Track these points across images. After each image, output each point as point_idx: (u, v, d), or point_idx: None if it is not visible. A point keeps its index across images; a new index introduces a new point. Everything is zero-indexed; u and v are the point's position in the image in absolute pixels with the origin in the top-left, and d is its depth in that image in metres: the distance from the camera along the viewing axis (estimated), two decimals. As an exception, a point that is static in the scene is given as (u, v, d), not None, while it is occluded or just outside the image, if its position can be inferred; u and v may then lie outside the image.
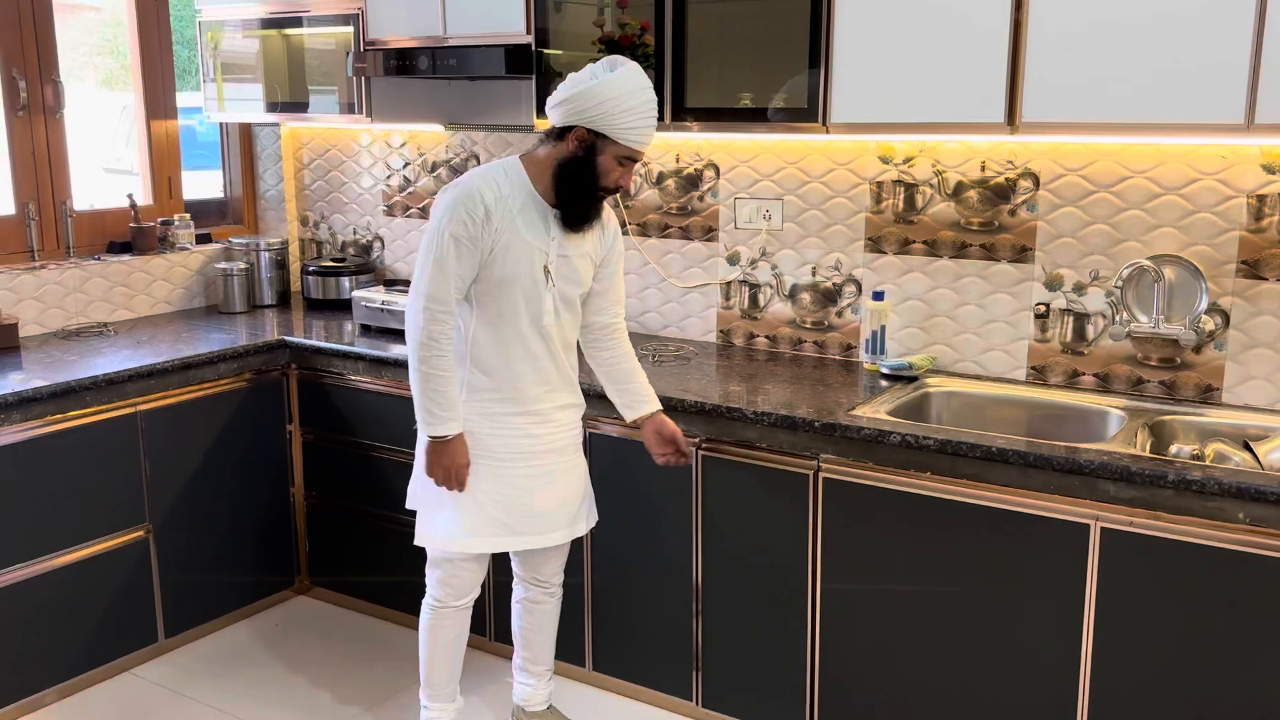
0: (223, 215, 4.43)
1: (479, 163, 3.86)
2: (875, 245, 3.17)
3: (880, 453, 2.58)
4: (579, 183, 2.47)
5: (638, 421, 2.72)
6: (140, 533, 3.23)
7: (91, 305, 3.73)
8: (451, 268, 2.43)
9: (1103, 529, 2.35)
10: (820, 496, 2.68)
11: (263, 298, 4.11)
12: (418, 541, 2.67)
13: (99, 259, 3.77)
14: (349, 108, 3.78)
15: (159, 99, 4.04)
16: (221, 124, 4.33)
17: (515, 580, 2.86)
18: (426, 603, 2.75)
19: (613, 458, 2.97)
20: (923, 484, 2.54)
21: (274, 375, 3.54)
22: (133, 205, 3.90)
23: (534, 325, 2.54)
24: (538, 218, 2.50)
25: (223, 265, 3.99)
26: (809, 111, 2.84)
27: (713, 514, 2.85)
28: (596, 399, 2.84)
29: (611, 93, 2.39)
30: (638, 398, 2.72)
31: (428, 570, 2.72)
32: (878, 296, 3.10)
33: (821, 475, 2.67)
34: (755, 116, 2.95)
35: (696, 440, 2.83)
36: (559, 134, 2.48)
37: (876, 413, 2.72)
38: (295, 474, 3.67)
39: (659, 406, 2.72)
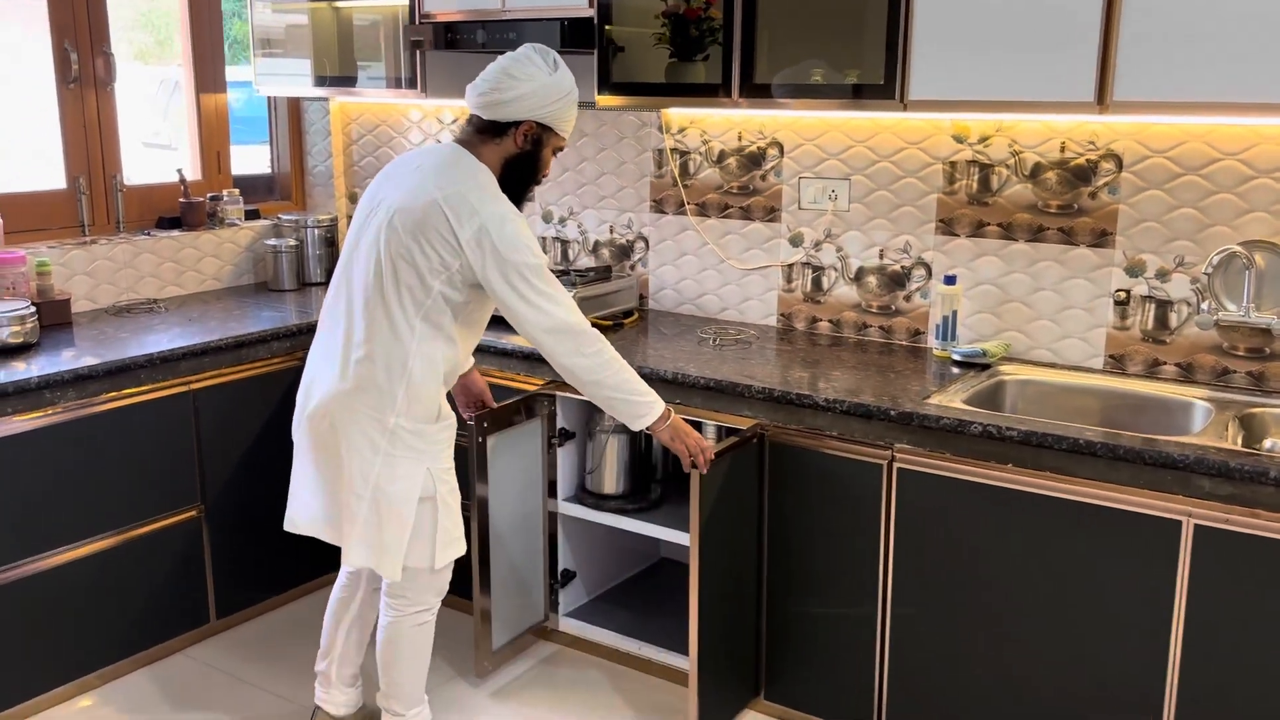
0: (270, 191, 4.38)
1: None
2: (947, 227, 3.07)
3: (959, 443, 2.49)
4: (525, 178, 2.50)
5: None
6: (193, 513, 3.19)
7: (141, 281, 3.68)
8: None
9: (1196, 526, 2.26)
10: (894, 487, 2.60)
11: (312, 275, 4.05)
12: (440, 563, 2.55)
13: (149, 234, 3.72)
14: (395, 82, 3.71)
15: (209, 73, 3.99)
16: (270, 98, 4.27)
17: (374, 587, 2.76)
18: (424, 616, 2.64)
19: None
20: (1004, 476, 2.45)
21: (325, 354, 3.49)
22: (182, 180, 3.85)
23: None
24: None
25: (272, 242, 3.94)
26: (885, 88, 2.74)
27: (778, 503, 2.77)
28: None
29: (565, 88, 2.45)
30: None
31: (424, 587, 2.60)
32: (949, 281, 3.01)
33: (896, 465, 2.59)
34: (827, 93, 2.85)
35: (762, 426, 2.76)
36: (499, 129, 2.45)
37: (952, 401, 2.63)
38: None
39: (471, 363, 2.82)
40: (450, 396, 2.68)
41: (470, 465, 2.87)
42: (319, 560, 3.60)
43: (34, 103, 3.52)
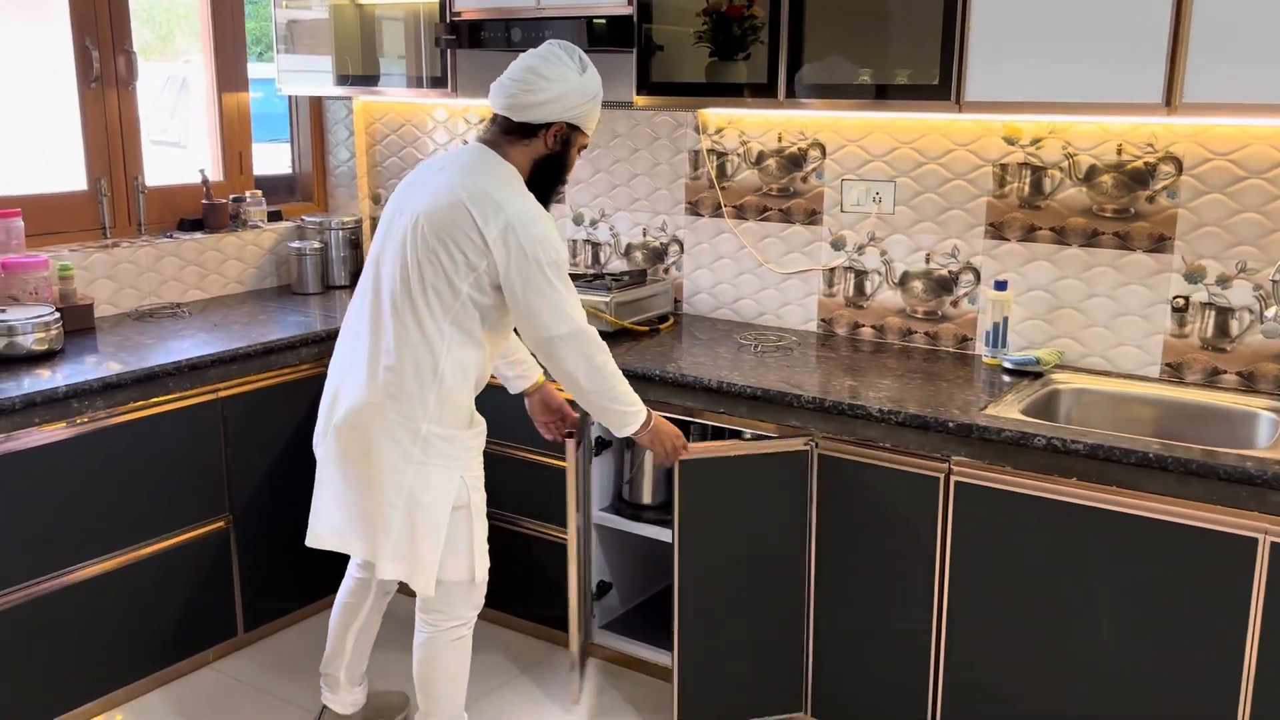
0: (291, 192, 4.30)
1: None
2: (997, 231, 2.99)
3: (1020, 456, 2.41)
4: (555, 177, 2.47)
5: (527, 391, 2.76)
6: (221, 523, 3.11)
7: (164, 285, 3.60)
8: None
9: (1273, 544, 2.18)
10: (951, 501, 2.52)
11: (336, 278, 3.97)
12: (480, 576, 2.53)
13: (171, 237, 3.64)
14: (417, 81, 3.63)
15: (230, 71, 3.90)
16: (291, 97, 4.19)
17: (382, 590, 2.75)
18: (462, 632, 2.58)
19: (719, 464, 2.82)
20: (1069, 491, 2.37)
21: (353, 360, 3.40)
22: (205, 181, 3.77)
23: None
24: None
25: (296, 244, 3.86)
26: (940, 88, 2.65)
27: (828, 516, 2.69)
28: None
29: (594, 89, 2.42)
30: (526, 367, 2.75)
31: (461, 601, 2.55)
32: (1000, 286, 2.93)
33: (953, 479, 2.51)
34: (878, 93, 2.77)
35: (811, 437, 2.67)
36: (530, 130, 2.41)
37: (1009, 412, 2.55)
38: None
39: (541, 373, 2.76)
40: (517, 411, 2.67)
41: (573, 488, 2.86)
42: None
43: (55, 103, 3.44)
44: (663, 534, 2.99)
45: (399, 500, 2.40)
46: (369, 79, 3.75)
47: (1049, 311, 2.95)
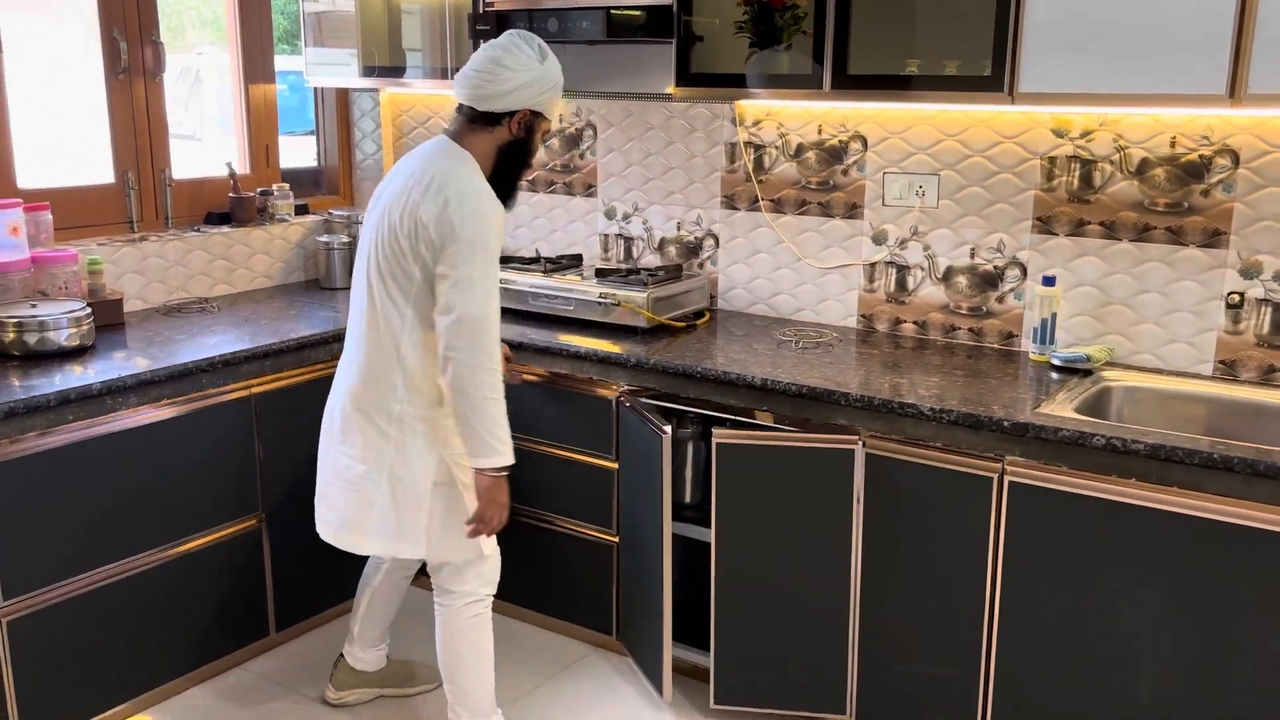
0: (317, 185, 4.25)
1: (595, 134, 3.64)
2: (1045, 226, 2.93)
3: (1076, 456, 2.36)
4: (520, 164, 2.53)
5: None
6: (253, 522, 3.06)
7: (192, 279, 3.55)
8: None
9: (1343, 547, 2.13)
10: (1005, 502, 2.46)
11: (364, 273, 3.91)
12: (489, 551, 2.58)
13: (199, 230, 3.59)
14: (442, 72, 3.58)
15: (257, 62, 3.85)
16: (316, 90, 4.14)
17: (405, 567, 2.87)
18: (478, 609, 2.60)
19: (758, 454, 2.77)
20: (1128, 491, 2.31)
21: (384, 356, 3.35)
22: (232, 174, 3.72)
23: None
24: None
25: (324, 238, 3.80)
26: (992, 79, 2.59)
27: (876, 517, 2.64)
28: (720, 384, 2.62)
29: (555, 75, 2.47)
30: None
31: (476, 577, 2.59)
32: (1048, 282, 2.87)
33: (1007, 479, 2.45)
34: (928, 85, 2.71)
35: (859, 437, 2.62)
36: (493, 119, 2.46)
37: (1062, 410, 2.49)
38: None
39: None
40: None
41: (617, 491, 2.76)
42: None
43: (83, 95, 3.39)
44: (703, 533, 2.94)
45: (381, 478, 2.49)
46: (395, 70, 3.70)
47: (1098, 307, 2.89)
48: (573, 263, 3.55)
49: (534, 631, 3.32)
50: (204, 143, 4.49)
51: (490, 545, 2.57)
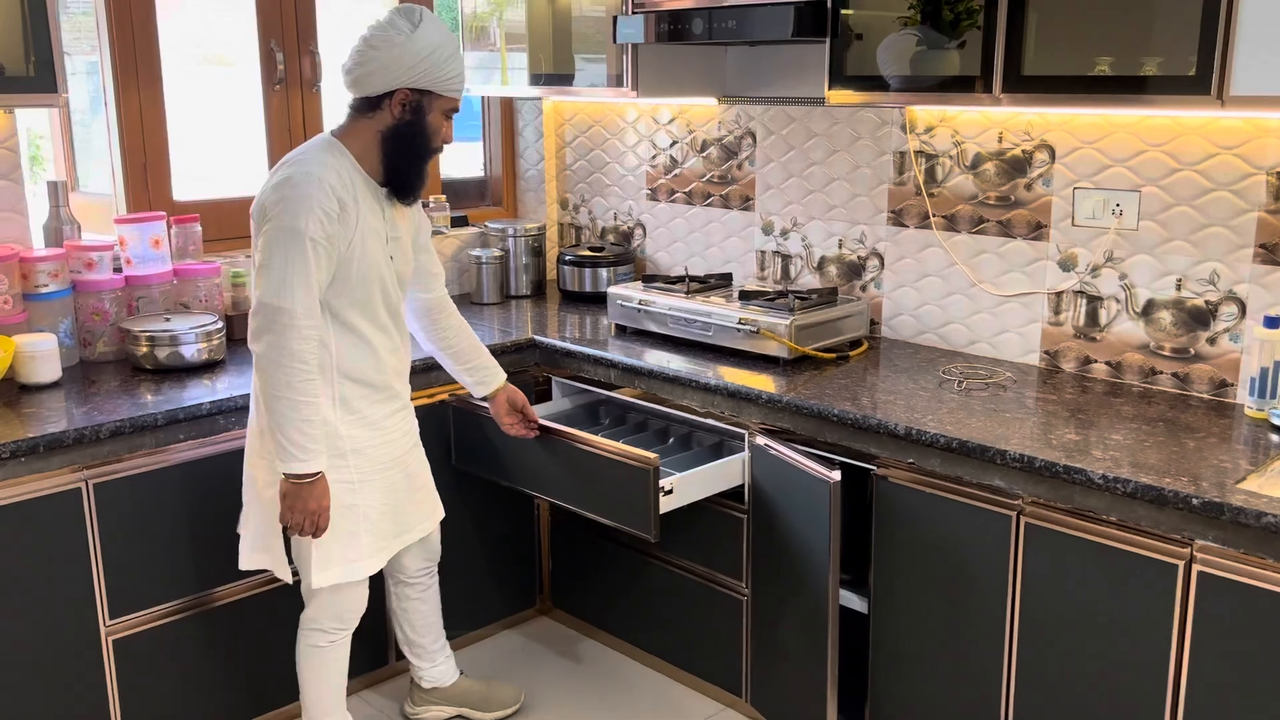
0: (482, 196, 4.16)
1: (754, 142, 3.35)
2: (1270, 255, 2.42)
3: (1287, 548, 1.89)
4: (412, 150, 2.33)
5: (490, 396, 2.71)
6: (373, 547, 2.97)
7: (341, 292, 3.51)
8: (313, 275, 2.21)
9: None
10: (1192, 596, 2.02)
11: (516, 288, 3.78)
12: (316, 584, 2.39)
13: (351, 243, 3.54)
14: (617, 80, 3.36)
15: (418, 71, 3.77)
16: (483, 98, 4.04)
17: (404, 582, 2.75)
18: (316, 639, 2.50)
19: (911, 512, 2.42)
20: (1354, 599, 1.83)
21: (523, 377, 3.19)
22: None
23: (391, 314, 2.42)
24: (373, 200, 2.35)
25: (476, 252, 3.69)
26: (1197, 81, 2.14)
27: (1036, 597, 2.24)
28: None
29: (431, 44, 2.25)
30: (488, 372, 2.70)
31: (316, 606, 2.47)
32: (1271, 323, 2.37)
33: (1195, 569, 2.01)
34: (1117, 87, 2.28)
35: (1018, 502, 2.23)
36: (371, 104, 2.31)
37: (1276, 487, 2.02)
38: (540, 486, 3.34)
39: (505, 376, 2.72)
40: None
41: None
42: (506, 599, 3.34)
43: (242, 106, 3.41)
44: (847, 598, 2.62)
45: (251, 494, 2.43)
46: (563, 78, 3.51)
47: (1337, 356, 2.36)
48: (721, 283, 3.27)
49: (657, 680, 3.08)
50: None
51: (320, 579, 2.38)
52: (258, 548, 2.45)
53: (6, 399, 2.58)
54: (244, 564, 2.47)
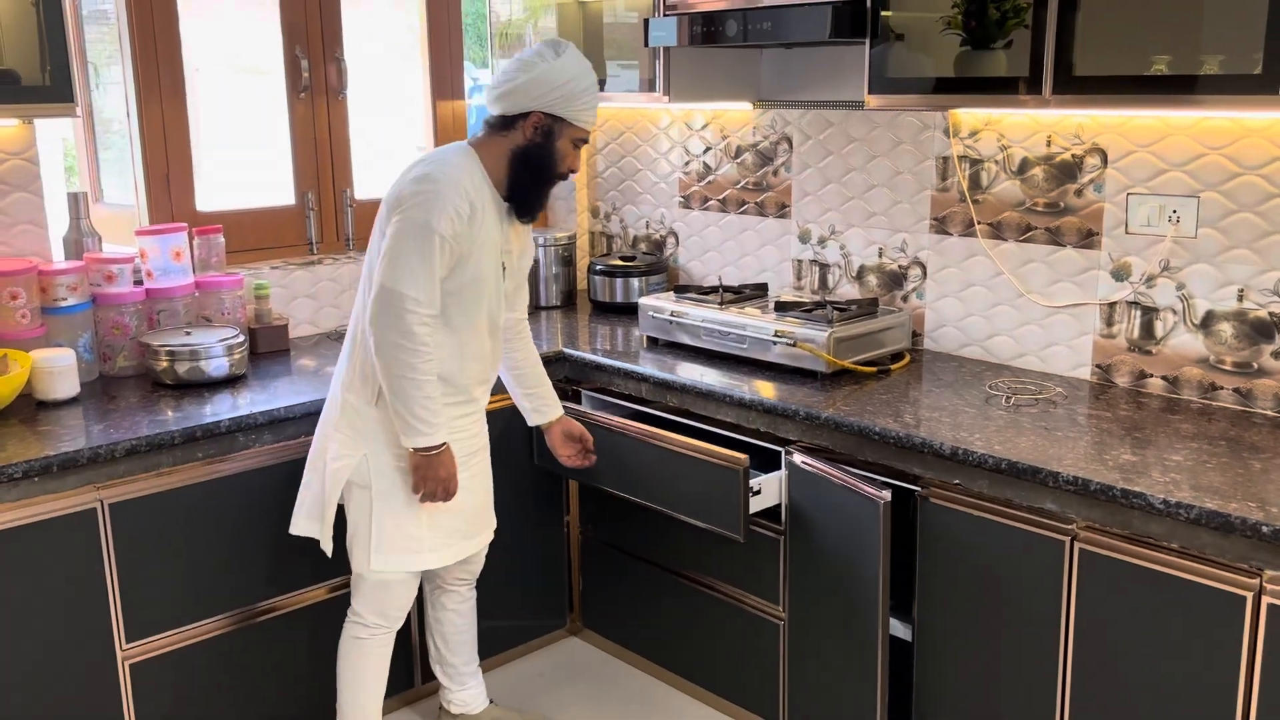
0: (511, 203, 4.07)
1: (790, 147, 3.25)
2: (1340, 264, 2.29)
3: (1367, 581, 1.76)
4: (538, 171, 2.40)
5: (546, 425, 2.73)
6: (397, 567, 2.88)
7: (367, 303, 3.43)
8: (436, 269, 2.28)
9: None
10: (1261, 630, 1.89)
11: (545, 298, 3.70)
12: (373, 568, 2.44)
13: (377, 253, 3.47)
14: (649, 85, 3.27)
15: (445, 78, 3.70)
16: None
17: (441, 588, 2.74)
18: (359, 633, 2.53)
19: (957, 536, 2.30)
20: None
21: (551, 391, 3.10)
22: (414, 194, 3.58)
23: (490, 324, 2.46)
24: (496, 212, 2.40)
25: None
26: (1263, 80, 2.01)
27: (1090, 629, 2.11)
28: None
29: (568, 74, 2.33)
30: (547, 402, 2.73)
31: (363, 598, 2.51)
32: (1342, 336, 2.23)
33: (1265, 600, 1.88)
34: (1174, 87, 2.15)
35: (1071, 527, 2.11)
36: (507, 123, 2.38)
37: (1351, 513, 1.89)
38: (570, 503, 3.24)
39: (562, 411, 2.75)
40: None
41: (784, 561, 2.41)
42: (535, 620, 3.25)
43: (267, 115, 3.34)
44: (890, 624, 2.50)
45: (319, 464, 2.46)
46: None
47: None
48: (756, 293, 3.16)
49: (689, 704, 2.99)
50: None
51: (377, 562, 2.43)
52: (312, 515, 2.48)
53: (23, 416, 2.52)
54: (294, 529, 2.50)
